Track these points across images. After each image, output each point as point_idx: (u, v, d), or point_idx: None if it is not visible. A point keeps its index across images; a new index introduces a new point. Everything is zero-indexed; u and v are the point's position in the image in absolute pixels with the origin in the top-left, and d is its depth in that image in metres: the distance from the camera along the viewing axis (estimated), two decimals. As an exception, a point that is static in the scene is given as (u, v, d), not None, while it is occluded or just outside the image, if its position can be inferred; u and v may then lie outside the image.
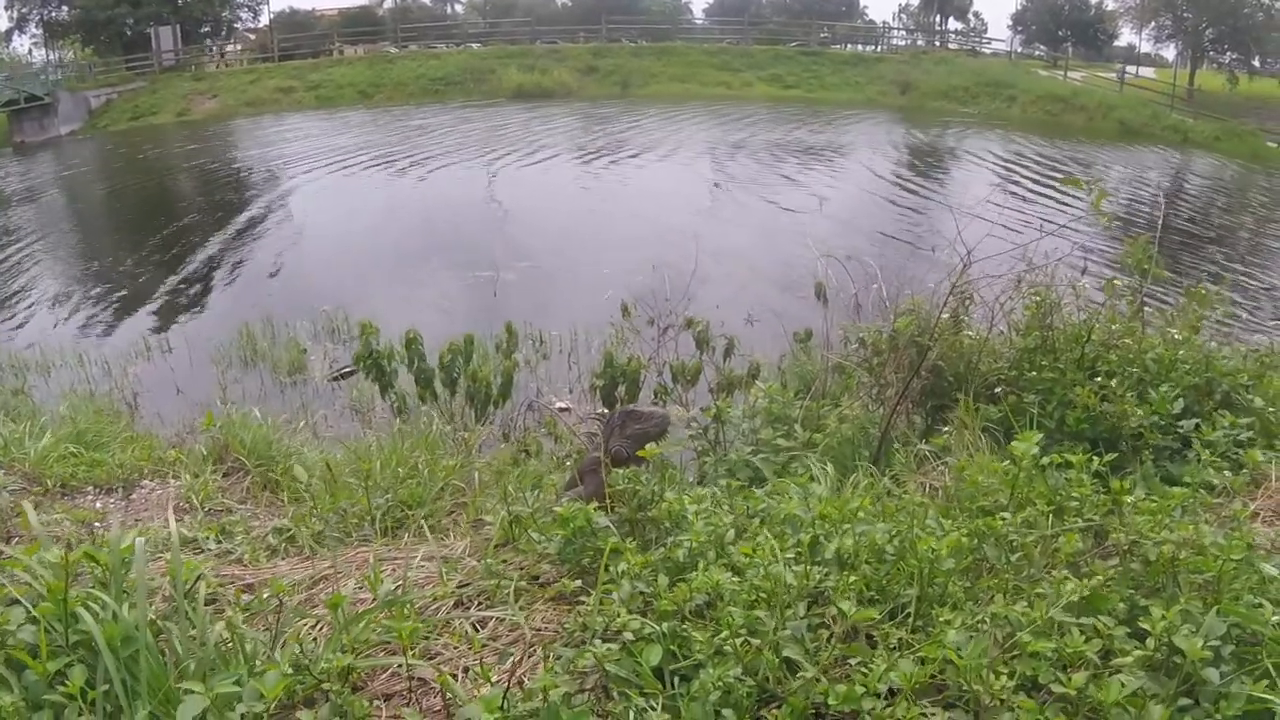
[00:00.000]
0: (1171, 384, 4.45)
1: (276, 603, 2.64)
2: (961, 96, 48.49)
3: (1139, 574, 2.62)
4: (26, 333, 15.84)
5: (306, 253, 20.74)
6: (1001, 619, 2.38)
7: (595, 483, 3.78)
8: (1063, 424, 4.51)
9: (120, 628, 2.19)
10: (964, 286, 5.60)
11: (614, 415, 4.19)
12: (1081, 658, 2.22)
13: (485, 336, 11.75)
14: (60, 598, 2.18)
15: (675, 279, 11.29)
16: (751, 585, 2.59)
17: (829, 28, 67.22)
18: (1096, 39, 71.75)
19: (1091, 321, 5.11)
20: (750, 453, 5.26)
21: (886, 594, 2.66)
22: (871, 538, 2.82)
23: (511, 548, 3.50)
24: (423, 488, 4.90)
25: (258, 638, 2.43)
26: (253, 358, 13.44)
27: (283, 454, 6.10)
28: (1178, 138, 40.78)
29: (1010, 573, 2.71)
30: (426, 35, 63.15)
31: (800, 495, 3.45)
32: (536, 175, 29.25)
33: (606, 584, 2.78)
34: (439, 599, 3.05)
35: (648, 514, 3.38)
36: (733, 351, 10.08)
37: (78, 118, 47.50)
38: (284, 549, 3.98)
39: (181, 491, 5.27)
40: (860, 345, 6.14)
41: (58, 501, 4.90)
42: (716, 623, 2.46)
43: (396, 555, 3.65)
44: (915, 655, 2.30)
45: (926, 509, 3.10)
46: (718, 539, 2.96)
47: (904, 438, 5.30)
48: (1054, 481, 3.09)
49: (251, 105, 48.43)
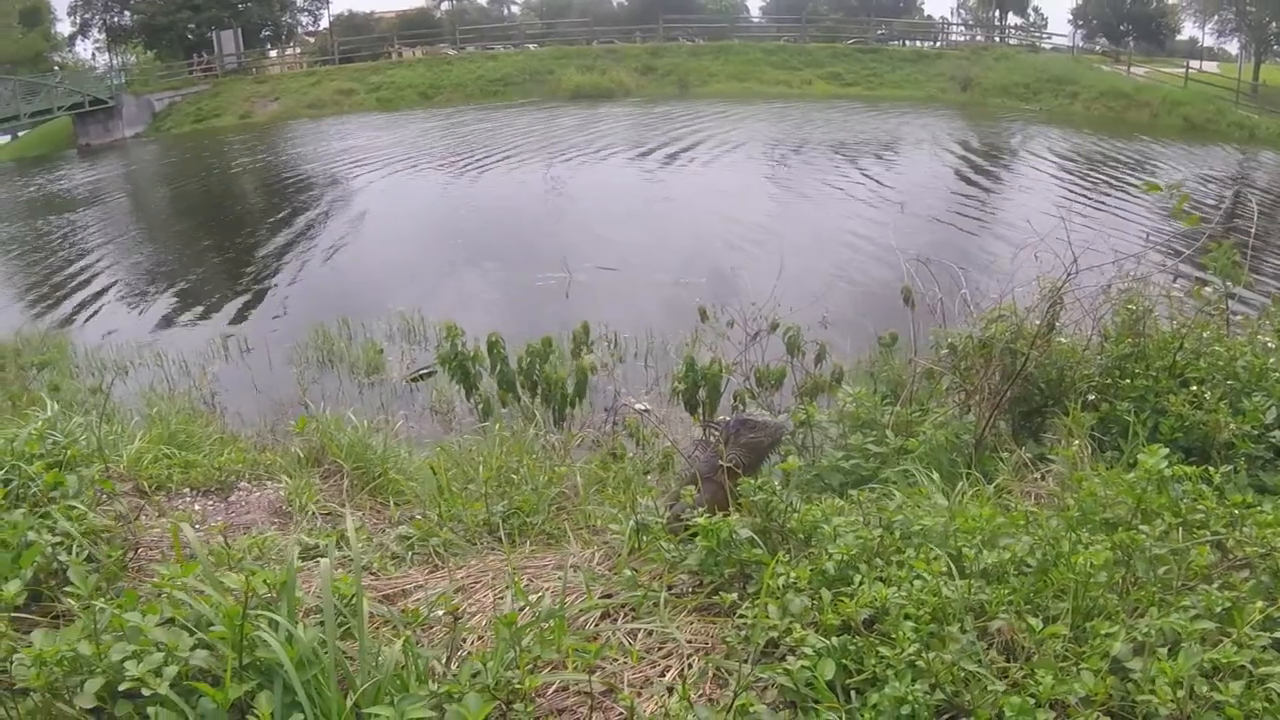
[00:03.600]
0: (1264, 392, 4.39)
1: (449, 619, 2.53)
2: (1023, 93, 47.88)
3: (1269, 586, 2.65)
4: (102, 331, 16.03)
5: (376, 253, 20.85)
6: (1159, 631, 2.41)
7: (712, 490, 3.69)
8: (1156, 432, 4.43)
9: (298, 649, 2.09)
10: (1061, 293, 5.46)
11: (729, 424, 4.06)
12: (1234, 667, 2.26)
13: (559, 339, 11.70)
14: (237, 622, 2.08)
15: (753, 281, 11.14)
16: (917, 599, 2.56)
17: (886, 24, 66.70)
18: (1159, 33, 70.52)
19: (1183, 329, 5.06)
20: (841, 458, 5.16)
21: (1036, 606, 2.65)
22: (1013, 549, 2.85)
23: (641, 557, 3.43)
24: (535, 494, 4.81)
25: (433, 655, 2.33)
26: (330, 358, 13.49)
27: (378, 457, 6.05)
28: (1243, 134, 39.76)
29: (1157, 585, 2.71)
30: (484, 37, 63.59)
31: (926, 505, 3.43)
32: (601, 175, 29.22)
33: (765, 597, 2.73)
34: (585, 611, 3.01)
35: (783, 524, 3.30)
36: (825, 357, 9.89)
37: (141, 120, 48.48)
38: (409, 557, 3.90)
39: (282, 495, 5.22)
40: (950, 351, 5.97)
41: (156, 505, 4.85)
42: (886, 636, 2.45)
43: (527, 565, 3.59)
44: (1086, 668, 2.31)
45: (1059, 522, 3.10)
46: (867, 551, 2.92)
47: (993, 445, 5.16)
48: (1174, 493, 3.07)
49: (313, 107, 49.03)
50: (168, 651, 2.10)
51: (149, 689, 1.98)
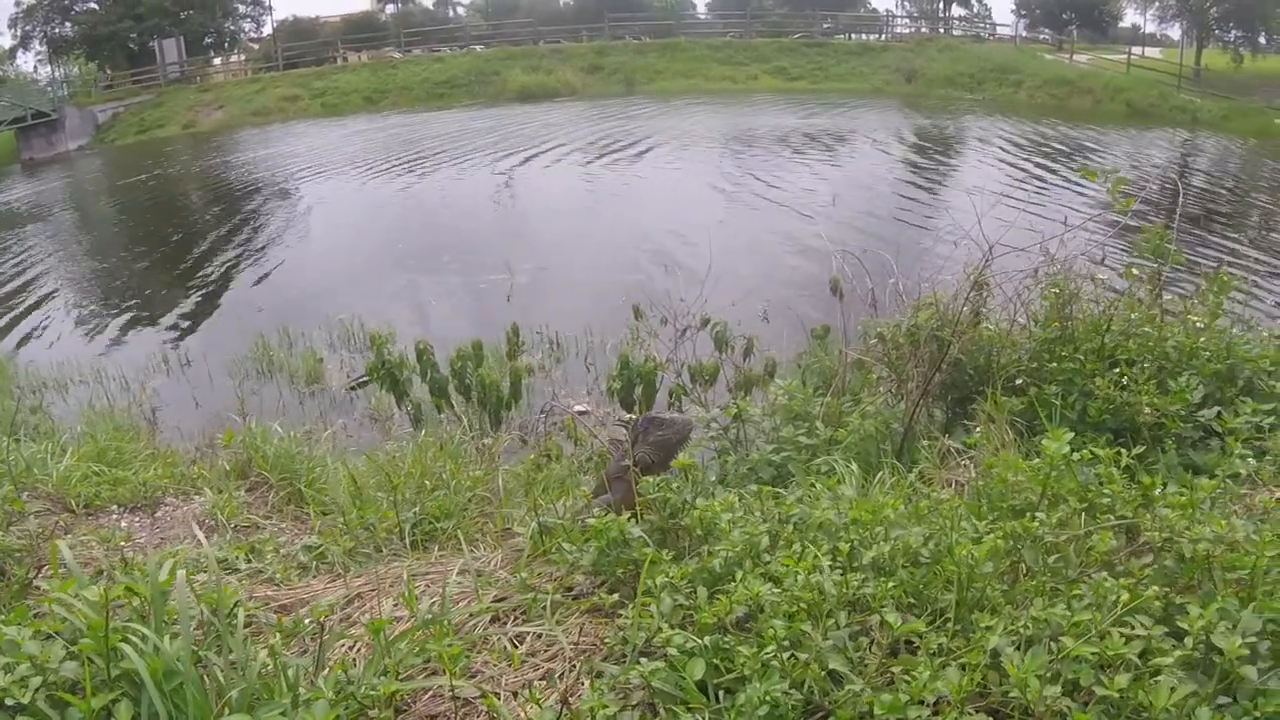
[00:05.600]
0: (1193, 371, 4.39)
1: (318, 627, 2.63)
2: (967, 83, 48.38)
3: (1173, 571, 2.61)
4: (43, 349, 15.86)
5: (319, 261, 20.79)
6: (1042, 623, 2.36)
7: (623, 490, 3.75)
8: (1084, 415, 4.45)
9: (163, 660, 2.19)
10: (983, 279, 5.57)
11: (637, 422, 4.16)
12: (1122, 659, 2.20)
13: (499, 340, 11.76)
14: (101, 634, 2.18)
15: (688, 277, 11.26)
16: (791, 595, 2.55)
17: (831, 18, 66.96)
18: (1101, 21, 71.27)
19: (1111, 311, 5.03)
20: (772, 451, 5.21)
21: (924, 599, 2.64)
22: (906, 541, 2.79)
23: (543, 559, 3.49)
24: (450, 499, 4.89)
25: (300, 664, 2.42)
26: (269, 369, 13.44)
27: (306, 467, 6.09)
28: (1186, 118, 40.51)
29: (1047, 575, 2.66)
30: (430, 39, 63.22)
31: (830, 499, 3.38)
32: (544, 176, 29.25)
33: (644, 596, 2.77)
34: (475, 615, 3.04)
35: (679, 522, 3.36)
36: (752, 351, 10.02)
37: (85, 133, 47.75)
38: (315, 567, 3.98)
39: (206, 508, 5.26)
40: (879, 340, 6.08)
41: (83, 522, 4.89)
42: (758, 635, 2.44)
43: (429, 570, 3.65)
44: (959, 663, 2.28)
45: (959, 511, 3.06)
46: (753, 547, 2.93)
47: (926, 432, 5.26)
48: (1084, 477, 3.03)
49: (258, 115, 48.54)
50: (37, 663, 2.19)
51: (13, 699, 2.08)
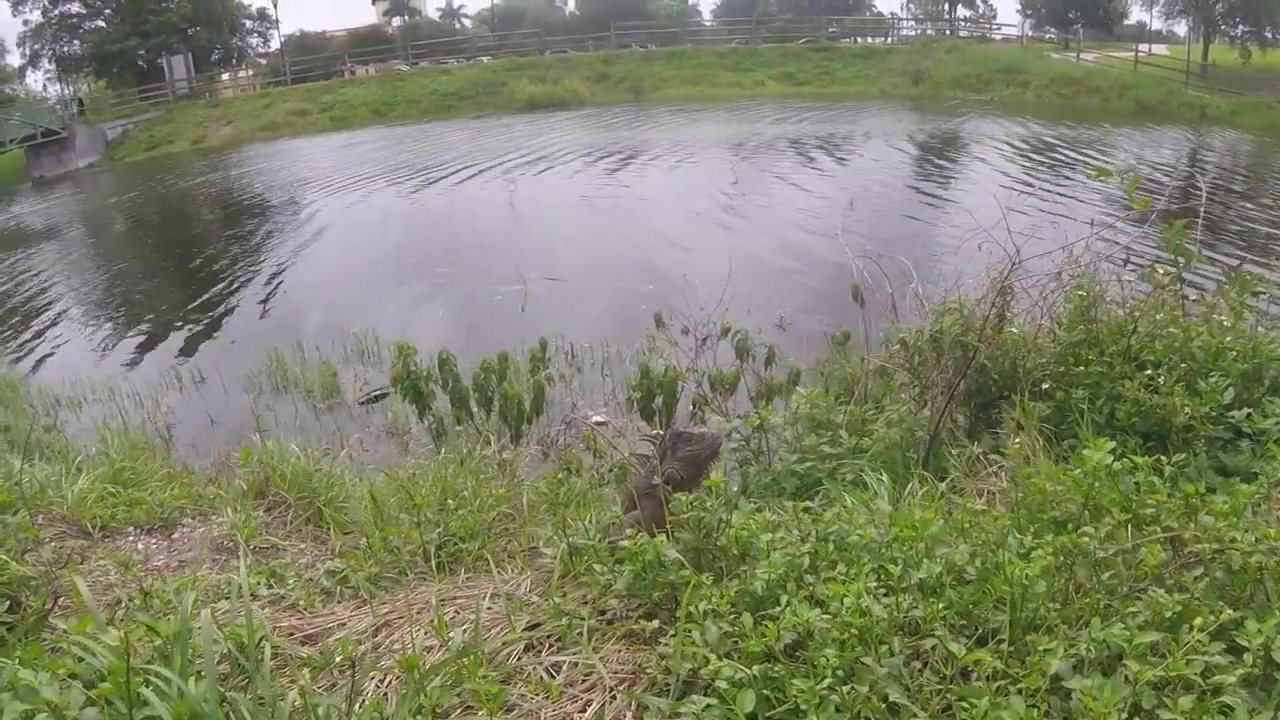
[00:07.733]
0: (1220, 372, 4.29)
1: (349, 665, 2.48)
2: (975, 84, 48.32)
3: (1223, 583, 2.52)
4: (57, 367, 15.80)
5: (331, 274, 20.72)
6: (1102, 644, 2.28)
7: (652, 507, 3.60)
8: (1113, 418, 4.35)
9: (188, 704, 2.05)
10: (1009, 283, 5.43)
11: (664, 437, 4.00)
12: (1183, 679, 2.13)
13: (516, 352, 11.64)
14: (121, 680, 2.04)
15: (705, 285, 11.12)
16: (842, 621, 2.43)
17: (837, 22, 67.03)
18: (1106, 19, 71.10)
19: (1136, 312, 4.93)
20: (795, 461, 5.11)
21: (973, 619, 2.54)
22: (951, 559, 2.70)
23: (573, 580, 3.35)
24: (474, 517, 4.74)
25: (331, 704, 2.28)
26: (284, 384, 13.34)
27: (325, 485, 5.97)
28: (1194, 114, 40.31)
29: (1101, 592, 2.56)
30: (436, 51, 63.36)
31: (866, 514, 3.29)
32: (556, 185, 29.18)
33: (687, 623, 2.62)
34: (509, 644, 2.90)
35: (715, 542, 3.20)
36: (774, 359, 9.88)
37: (95, 150, 47.90)
38: (339, 592, 3.83)
39: (225, 530, 5.14)
40: (902, 346, 5.94)
41: (99, 546, 4.77)
42: (810, 664, 2.32)
43: (457, 594, 3.50)
44: (1018, 688, 2.21)
45: (1004, 525, 2.94)
46: (795, 569, 2.80)
47: (951, 439, 5.13)
48: (1124, 486, 2.93)
49: (267, 129, 48.68)
50: (55, 710, 2.05)
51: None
